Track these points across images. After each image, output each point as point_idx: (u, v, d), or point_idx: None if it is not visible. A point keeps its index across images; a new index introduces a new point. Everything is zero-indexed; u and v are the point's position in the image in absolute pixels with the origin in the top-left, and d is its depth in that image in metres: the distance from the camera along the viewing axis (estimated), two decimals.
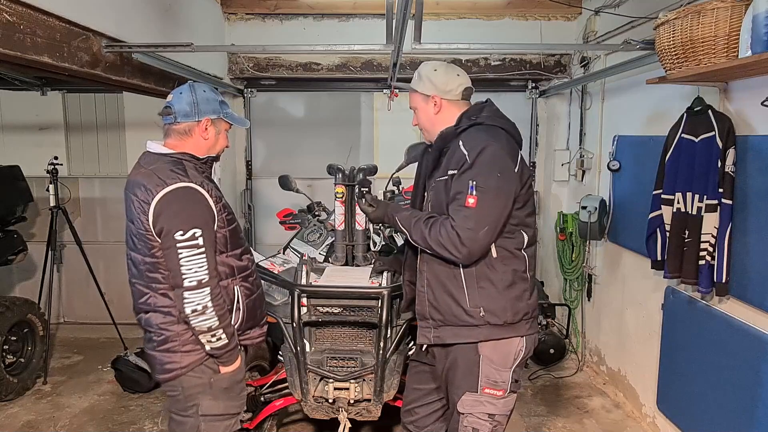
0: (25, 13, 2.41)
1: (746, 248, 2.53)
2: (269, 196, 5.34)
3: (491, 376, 2.15)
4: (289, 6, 4.84)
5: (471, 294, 2.10)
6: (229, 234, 2.07)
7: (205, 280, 1.92)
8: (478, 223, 1.99)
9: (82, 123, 5.31)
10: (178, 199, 1.92)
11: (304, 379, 2.72)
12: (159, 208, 1.91)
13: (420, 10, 2.98)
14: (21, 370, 3.97)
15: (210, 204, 1.98)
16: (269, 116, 5.41)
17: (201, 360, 2.05)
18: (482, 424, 2.18)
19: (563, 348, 4.41)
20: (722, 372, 2.73)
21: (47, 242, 4.33)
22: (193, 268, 1.91)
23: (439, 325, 2.19)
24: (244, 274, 2.15)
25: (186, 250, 1.90)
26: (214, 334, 1.98)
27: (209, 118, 2.08)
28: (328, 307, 2.71)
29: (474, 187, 1.99)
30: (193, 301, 1.91)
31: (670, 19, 2.45)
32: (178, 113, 2.04)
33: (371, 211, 2.43)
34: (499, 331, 2.12)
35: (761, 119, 2.47)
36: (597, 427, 3.59)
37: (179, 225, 1.90)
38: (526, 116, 5.30)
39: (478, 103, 2.25)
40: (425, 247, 2.12)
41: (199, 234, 1.91)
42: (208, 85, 2.17)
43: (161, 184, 1.92)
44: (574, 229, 4.47)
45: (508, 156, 2.08)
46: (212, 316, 1.94)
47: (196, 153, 2.09)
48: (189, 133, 2.07)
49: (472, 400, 2.17)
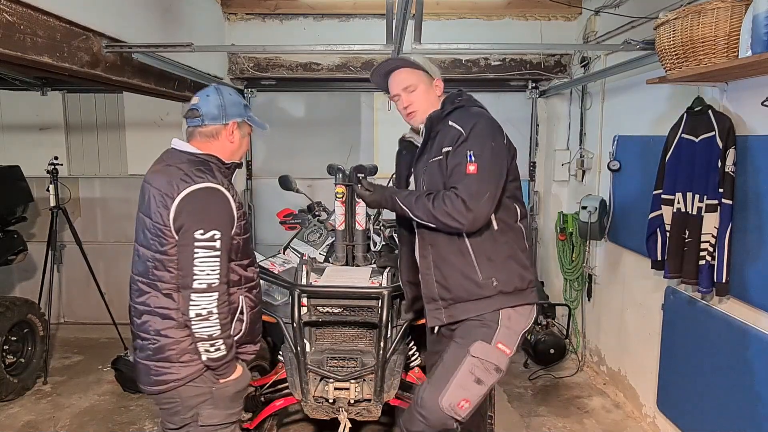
0: (25, 13, 2.41)
1: (746, 248, 2.53)
2: (269, 196, 5.34)
3: (506, 335, 2.21)
4: (289, 6, 4.84)
5: (482, 267, 2.18)
6: (243, 243, 2.04)
7: (215, 285, 1.88)
8: (479, 189, 2.07)
9: (82, 123, 5.32)
10: (204, 199, 1.90)
11: (305, 379, 2.72)
12: (183, 204, 1.88)
13: (420, 10, 2.99)
14: (21, 371, 3.97)
15: (233, 209, 1.96)
16: (269, 116, 5.40)
17: (199, 372, 1.99)
18: (487, 375, 2.18)
19: (563, 348, 4.41)
20: (722, 372, 2.73)
21: (47, 242, 4.33)
22: (205, 270, 1.87)
23: (449, 304, 2.24)
24: (249, 285, 2.12)
25: (203, 250, 1.87)
26: (214, 344, 1.91)
27: (236, 122, 2.06)
28: (329, 307, 2.71)
29: (472, 155, 2.10)
30: (199, 305, 1.87)
31: (670, 19, 2.45)
32: (206, 116, 2.01)
33: (368, 195, 2.41)
34: (512, 298, 2.21)
35: (761, 119, 2.46)
36: (597, 427, 3.59)
37: (201, 224, 1.87)
38: (526, 116, 5.30)
39: (454, 92, 2.37)
40: (429, 220, 2.16)
41: (218, 236, 1.88)
42: (230, 88, 2.16)
43: (188, 180, 1.90)
44: (574, 229, 4.47)
45: (497, 130, 2.21)
46: (216, 323, 1.89)
47: (222, 156, 2.06)
48: (216, 137, 2.04)
49: (487, 348, 2.19)
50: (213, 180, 1.93)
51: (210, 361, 1.96)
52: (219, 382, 2.03)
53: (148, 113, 5.10)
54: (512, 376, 4.30)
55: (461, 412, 2.16)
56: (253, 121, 2.14)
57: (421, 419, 2.20)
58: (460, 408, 2.15)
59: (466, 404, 2.16)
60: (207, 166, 1.98)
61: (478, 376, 2.17)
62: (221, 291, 1.90)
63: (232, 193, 1.99)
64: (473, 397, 2.17)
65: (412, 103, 2.33)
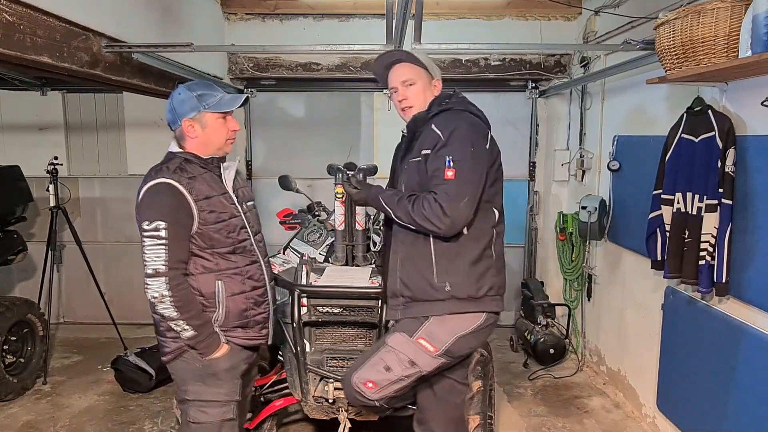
0: (25, 13, 2.41)
1: (746, 248, 2.53)
2: (269, 196, 5.33)
3: (433, 333, 2.25)
4: (289, 6, 4.84)
5: (439, 270, 2.22)
6: (213, 232, 2.13)
7: (161, 270, 2.02)
8: (458, 194, 2.11)
9: (82, 123, 5.32)
10: (153, 194, 2.06)
11: (304, 379, 2.73)
12: (140, 201, 2.09)
13: (420, 10, 2.99)
14: (21, 370, 3.97)
15: (188, 200, 2.07)
16: (269, 116, 5.40)
17: (186, 347, 2.15)
18: (398, 365, 2.25)
19: (563, 348, 4.42)
20: (722, 372, 2.72)
21: (47, 242, 4.33)
22: (152, 257, 2.02)
23: (408, 302, 2.30)
24: (233, 272, 2.20)
25: (149, 239, 2.03)
26: (177, 324, 2.07)
27: (188, 118, 2.15)
28: (328, 307, 2.71)
29: (451, 161, 2.13)
30: (151, 288, 2.03)
31: (670, 19, 2.45)
32: (168, 123, 2.21)
33: (355, 193, 2.49)
34: (463, 305, 2.24)
35: (761, 119, 2.46)
36: (597, 427, 3.59)
37: (147, 216, 2.04)
38: (526, 116, 5.30)
39: (446, 92, 2.38)
40: (409, 222, 2.21)
41: (162, 226, 2.02)
42: (187, 84, 2.22)
43: (151, 178, 2.09)
44: (574, 229, 4.48)
45: (479, 133, 2.24)
46: (169, 305, 2.03)
47: (199, 153, 2.19)
48: (182, 137, 2.19)
49: (404, 340, 2.26)
50: (167, 176, 2.07)
51: (186, 340, 2.12)
52: (204, 359, 2.16)
53: (148, 113, 5.10)
54: (512, 376, 4.31)
55: (366, 391, 2.28)
56: (215, 107, 2.16)
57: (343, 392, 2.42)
58: (366, 386, 2.28)
59: (372, 385, 2.27)
60: (176, 163, 2.12)
61: (387, 364, 2.26)
62: (171, 276, 2.04)
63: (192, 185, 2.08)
64: (380, 381, 2.26)
65: (408, 98, 2.36)
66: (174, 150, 2.21)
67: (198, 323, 2.10)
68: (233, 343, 2.22)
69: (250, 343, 2.29)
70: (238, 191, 2.30)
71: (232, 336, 2.22)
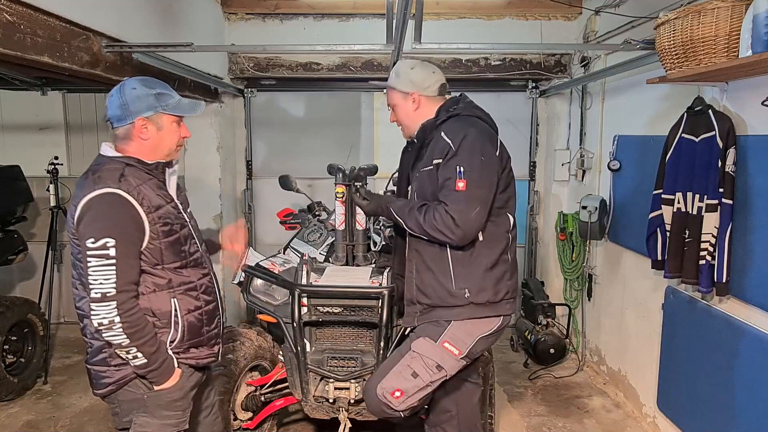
0: (25, 13, 2.41)
1: (746, 248, 2.53)
2: (269, 196, 5.33)
3: (456, 336, 2.25)
4: (289, 6, 4.84)
5: (457, 276, 2.22)
6: (165, 246, 1.93)
7: (110, 294, 1.79)
8: (469, 205, 2.11)
9: (82, 123, 5.32)
10: (99, 206, 1.81)
11: (305, 379, 2.73)
12: (82, 212, 1.82)
13: (420, 10, 2.99)
14: (21, 370, 3.97)
15: (139, 213, 1.85)
16: (269, 116, 5.41)
17: (132, 376, 1.94)
18: (425, 371, 2.24)
19: (563, 348, 4.41)
20: (722, 372, 2.72)
21: (47, 242, 4.34)
22: (99, 279, 1.79)
23: (425, 309, 2.29)
24: (186, 287, 2.00)
25: (95, 259, 1.78)
26: (129, 351, 1.84)
27: (143, 117, 1.91)
28: (329, 306, 2.71)
29: (462, 172, 2.12)
30: (99, 314, 1.80)
31: (670, 19, 2.45)
32: (113, 119, 1.93)
33: (365, 204, 2.50)
34: (482, 309, 2.24)
35: (761, 119, 2.46)
36: (597, 427, 3.59)
37: (92, 233, 1.79)
38: (526, 116, 5.30)
39: (453, 97, 2.39)
40: (420, 233, 2.21)
41: (111, 244, 1.78)
42: (141, 79, 1.98)
43: (90, 187, 1.84)
44: (574, 229, 4.48)
45: (488, 141, 2.23)
46: (119, 332, 1.81)
47: (143, 157, 1.95)
48: (129, 137, 1.94)
49: (429, 345, 2.25)
50: (113, 185, 1.83)
51: (136, 369, 1.90)
52: (153, 389, 1.96)
53: None
54: (512, 376, 4.31)
55: (394, 402, 2.23)
56: (174, 109, 1.97)
57: (366, 405, 2.35)
58: (393, 397, 2.23)
59: (399, 394, 2.23)
60: (119, 169, 1.88)
61: (414, 370, 2.24)
62: (121, 300, 1.81)
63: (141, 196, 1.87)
64: (408, 389, 2.23)
65: (396, 120, 2.46)
66: (109, 153, 1.95)
67: (151, 351, 1.87)
68: (186, 365, 2.03)
69: (203, 362, 2.09)
70: (180, 198, 2.08)
71: (185, 357, 2.01)
